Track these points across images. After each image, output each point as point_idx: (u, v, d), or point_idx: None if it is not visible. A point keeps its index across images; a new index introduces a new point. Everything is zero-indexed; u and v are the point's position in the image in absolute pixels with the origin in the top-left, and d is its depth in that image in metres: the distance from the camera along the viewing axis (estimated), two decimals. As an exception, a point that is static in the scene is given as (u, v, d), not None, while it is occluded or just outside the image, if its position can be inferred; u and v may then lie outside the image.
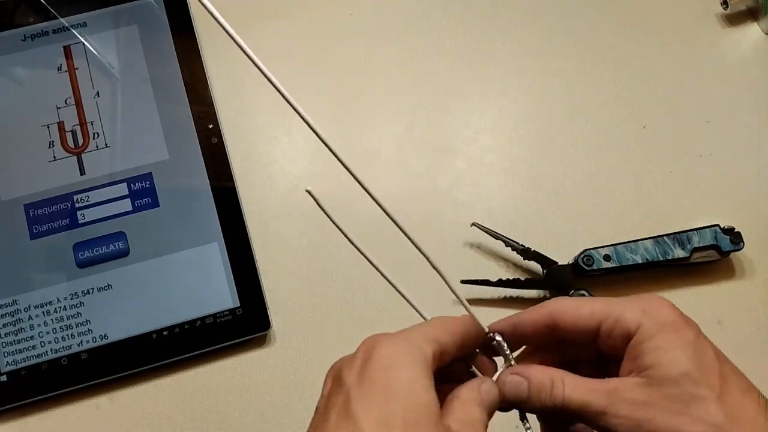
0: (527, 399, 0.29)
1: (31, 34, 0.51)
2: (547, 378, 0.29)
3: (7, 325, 0.44)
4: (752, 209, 0.49)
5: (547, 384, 0.29)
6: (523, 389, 0.29)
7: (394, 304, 0.47)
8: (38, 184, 0.47)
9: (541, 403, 0.29)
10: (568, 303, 0.30)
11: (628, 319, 0.28)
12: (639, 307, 0.29)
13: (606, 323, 0.29)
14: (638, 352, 0.28)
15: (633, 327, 0.28)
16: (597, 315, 0.29)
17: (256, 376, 0.45)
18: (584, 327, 0.30)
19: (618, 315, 0.29)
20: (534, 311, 0.31)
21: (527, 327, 0.31)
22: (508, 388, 0.30)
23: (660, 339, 0.27)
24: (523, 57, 0.54)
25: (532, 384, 0.29)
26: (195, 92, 0.50)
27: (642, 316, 0.28)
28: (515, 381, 0.30)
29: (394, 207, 0.49)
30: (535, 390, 0.29)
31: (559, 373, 0.29)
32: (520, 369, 0.30)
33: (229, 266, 0.46)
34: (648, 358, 0.27)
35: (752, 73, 0.53)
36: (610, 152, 0.51)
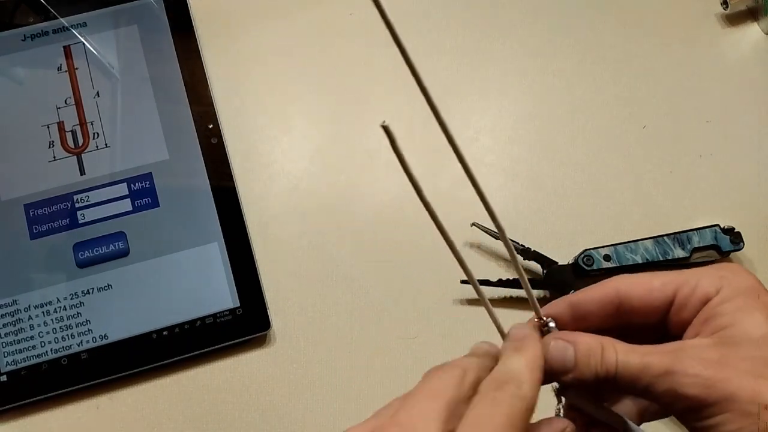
0: (574, 366, 0.26)
1: (31, 34, 0.51)
2: (596, 342, 0.26)
3: (7, 325, 0.44)
4: (752, 209, 0.49)
5: (597, 348, 0.26)
6: (570, 355, 0.26)
7: (394, 303, 0.47)
8: (38, 184, 0.47)
9: (590, 370, 0.26)
10: (634, 278, 0.28)
11: (707, 284, 0.26)
12: (717, 274, 0.27)
13: (682, 292, 0.27)
14: (712, 313, 0.26)
15: (713, 291, 0.26)
16: (671, 285, 0.27)
17: (256, 376, 0.45)
18: (657, 300, 0.27)
19: (695, 282, 0.27)
20: (595, 289, 0.28)
21: (590, 307, 0.28)
22: (552, 354, 0.27)
23: (739, 301, 0.25)
24: (523, 57, 0.54)
25: (579, 349, 0.26)
26: (195, 92, 0.50)
27: (721, 281, 0.26)
28: (560, 346, 0.27)
29: (394, 207, 0.49)
30: (583, 355, 0.26)
31: (608, 339, 0.27)
32: (564, 334, 0.27)
33: (229, 266, 0.46)
34: (724, 319, 0.25)
35: (752, 73, 0.53)
36: (610, 152, 0.51)
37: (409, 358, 0.45)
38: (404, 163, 0.22)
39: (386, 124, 0.20)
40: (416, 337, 0.46)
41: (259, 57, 0.53)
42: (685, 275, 0.27)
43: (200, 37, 0.52)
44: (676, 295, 0.27)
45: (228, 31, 0.54)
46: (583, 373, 0.26)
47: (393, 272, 0.48)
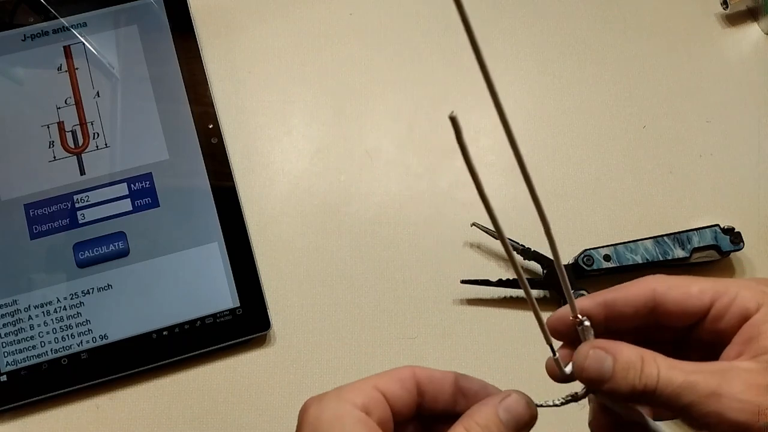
0: (611, 378, 0.25)
1: (31, 34, 0.51)
2: (636, 355, 0.25)
3: (7, 325, 0.44)
4: (752, 209, 0.49)
5: (637, 362, 0.25)
6: (608, 366, 0.25)
7: (394, 303, 0.47)
8: (38, 184, 0.47)
9: (627, 383, 0.25)
10: (671, 280, 0.27)
11: (747, 297, 0.25)
12: (758, 288, 0.26)
13: (720, 302, 0.26)
14: (756, 333, 0.25)
15: (753, 306, 0.25)
16: (709, 293, 0.26)
17: (256, 376, 0.45)
18: (693, 307, 0.26)
19: (735, 293, 0.26)
20: (630, 288, 0.27)
21: (624, 308, 0.27)
22: (589, 363, 0.26)
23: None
24: (523, 57, 0.54)
25: (618, 361, 0.25)
26: (195, 92, 0.50)
27: (763, 297, 0.25)
28: (599, 356, 0.26)
29: (394, 207, 0.49)
30: (621, 368, 0.25)
31: (649, 352, 0.25)
32: (603, 343, 0.26)
33: (229, 266, 0.46)
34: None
35: (752, 73, 0.53)
36: (610, 152, 0.51)
37: (409, 358, 0.45)
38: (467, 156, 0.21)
39: (454, 114, 0.20)
40: (416, 337, 0.46)
41: (259, 57, 0.53)
42: (724, 284, 0.26)
43: (200, 37, 0.52)
44: (714, 304, 0.26)
45: (228, 31, 0.54)
46: (619, 386, 0.25)
47: (393, 272, 0.48)
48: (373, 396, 0.27)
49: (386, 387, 0.28)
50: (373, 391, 0.28)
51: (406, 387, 0.28)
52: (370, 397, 0.27)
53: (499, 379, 0.29)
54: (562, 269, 0.27)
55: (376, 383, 0.28)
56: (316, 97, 0.52)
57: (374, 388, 0.28)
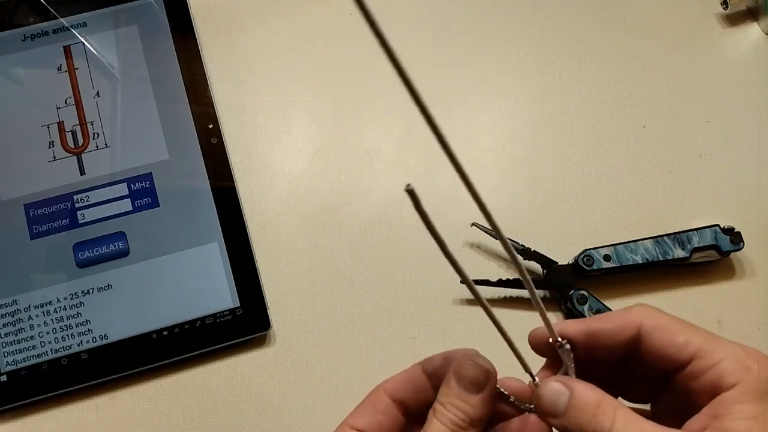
0: (563, 414, 0.25)
1: (31, 34, 0.51)
2: (594, 399, 0.25)
3: (7, 325, 0.44)
4: (752, 209, 0.49)
5: (592, 405, 0.24)
6: (562, 402, 0.25)
7: (394, 303, 0.47)
8: (38, 184, 0.47)
9: (577, 425, 0.25)
10: (660, 319, 0.26)
11: (728, 369, 0.24)
12: (743, 361, 0.24)
13: (700, 362, 0.25)
14: (726, 411, 0.24)
15: (730, 381, 0.24)
16: (692, 348, 0.25)
17: (256, 376, 0.45)
18: (672, 356, 0.26)
19: (718, 359, 0.25)
20: (615, 319, 0.27)
21: (607, 340, 0.27)
22: (544, 394, 0.26)
23: (758, 408, 0.23)
24: (523, 57, 0.54)
25: (573, 398, 0.25)
26: (195, 92, 0.50)
27: (744, 374, 0.24)
28: (555, 390, 0.25)
29: (394, 207, 0.49)
30: (574, 407, 0.25)
31: (611, 400, 0.25)
32: (567, 379, 0.26)
33: (229, 266, 0.46)
34: (738, 425, 0.23)
35: (752, 73, 0.53)
36: (610, 152, 0.51)
37: (409, 358, 0.45)
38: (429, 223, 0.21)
39: (411, 188, 0.20)
40: (416, 337, 0.46)
41: (259, 57, 0.53)
42: (711, 344, 0.25)
43: (200, 37, 0.52)
44: (692, 361, 0.25)
45: (228, 31, 0.54)
46: (570, 424, 0.25)
47: (393, 272, 0.48)
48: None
49: (362, 422, 0.28)
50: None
51: (384, 411, 0.29)
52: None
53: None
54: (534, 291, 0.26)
55: (353, 423, 0.28)
56: (316, 97, 0.52)
57: (349, 428, 0.28)
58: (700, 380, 0.25)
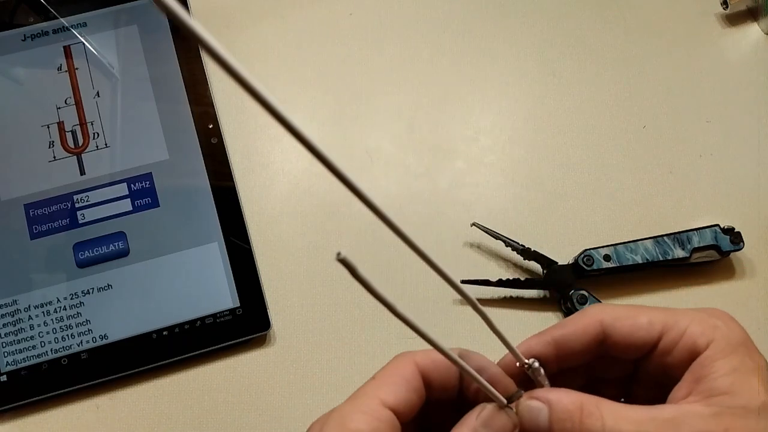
0: (548, 430, 0.24)
1: (31, 34, 0.51)
2: (575, 404, 0.24)
3: (7, 325, 0.44)
4: (752, 209, 0.49)
5: (575, 411, 0.24)
6: (543, 419, 0.24)
7: (394, 303, 0.47)
8: (38, 184, 0.47)
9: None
10: (617, 310, 0.26)
11: (696, 332, 0.24)
12: (708, 322, 0.25)
13: (669, 335, 0.25)
14: (705, 373, 0.24)
15: (703, 342, 0.24)
16: (657, 325, 0.25)
17: (256, 376, 0.45)
18: (641, 339, 0.25)
19: (684, 326, 0.25)
20: (576, 322, 0.26)
21: (574, 345, 0.26)
22: (523, 415, 0.25)
23: (734, 360, 0.23)
24: (523, 57, 0.54)
25: (554, 411, 0.24)
26: (195, 92, 0.50)
27: (713, 332, 0.24)
28: (533, 407, 0.24)
29: (395, 207, 0.49)
30: (558, 419, 0.24)
31: (591, 399, 0.24)
32: (540, 393, 0.25)
33: (229, 266, 0.46)
34: (719, 382, 0.23)
35: (752, 73, 0.53)
36: (610, 152, 0.51)
37: (409, 358, 0.45)
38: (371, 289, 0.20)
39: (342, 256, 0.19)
40: (416, 337, 0.46)
41: (259, 57, 0.53)
42: (674, 316, 0.25)
43: (200, 37, 0.52)
44: (662, 337, 0.25)
45: (228, 31, 0.54)
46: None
47: (393, 272, 0.48)
48: (383, 418, 0.25)
49: (395, 399, 0.25)
50: (381, 411, 0.25)
51: (413, 387, 0.26)
52: (380, 421, 0.25)
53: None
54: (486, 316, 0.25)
55: (382, 397, 0.25)
56: (316, 97, 0.52)
57: (381, 404, 0.25)
58: (675, 352, 0.25)
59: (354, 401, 0.25)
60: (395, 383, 0.26)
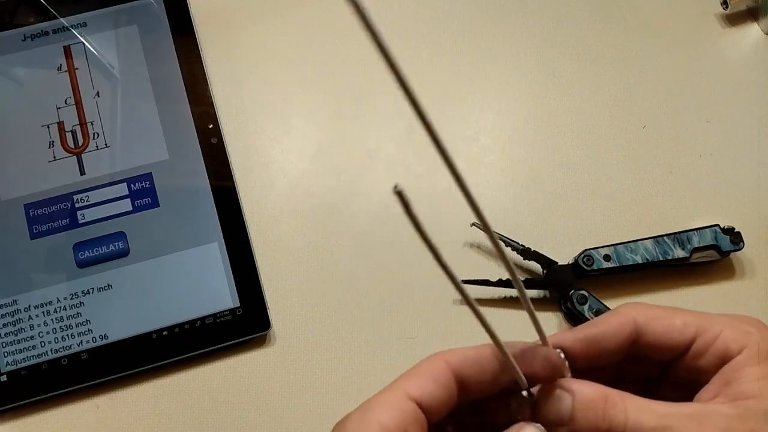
0: (570, 419, 0.24)
1: (31, 34, 0.51)
2: (599, 394, 0.24)
3: (7, 325, 0.44)
4: (752, 209, 0.49)
5: (599, 401, 0.23)
6: (566, 406, 0.24)
7: (394, 304, 0.47)
8: (38, 184, 0.47)
9: (588, 424, 0.23)
10: (652, 310, 0.26)
11: (729, 338, 0.24)
12: (742, 328, 0.25)
13: (703, 338, 0.25)
14: (735, 377, 0.24)
15: (735, 348, 0.24)
16: (691, 327, 0.25)
17: (256, 376, 0.45)
18: (674, 341, 0.25)
19: (718, 331, 0.25)
20: (609, 321, 0.26)
21: (608, 342, 0.26)
22: (545, 404, 0.24)
23: (766, 368, 0.24)
24: (523, 57, 0.54)
25: (577, 400, 0.24)
26: (195, 92, 0.50)
27: (746, 338, 0.24)
28: (556, 395, 0.24)
29: (395, 207, 0.49)
30: (581, 407, 0.24)
31: (615, 391, 0.24)
32: (562, 382, 0.25)
33: (229, 266, 0.46)
34: (748, 386, 0.23)
35: (752, 73, 0.53)
36: (610, 152, 0.51)
37: (409, 358, 0.45)
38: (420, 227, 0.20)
39: (399, 188, 0.18)
40: (416, 337, 0.46)
41: (259, 57, 0.53)
42: (708, 320, 0.25)
43: (200, 37, 0.52)
44: (696, 339, 0.25)
45: (228, 31, 0.54)
46: (581, 428, 0.24)
47: (393, 272, 0.48)
48: (406, 410, 0.24)
49: (420, 392, 0.25)
50: (405, 403, 0.24)
51: (442, 382, 0.25)
52: (402, 411, 0.24)
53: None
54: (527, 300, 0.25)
55: (408, 390, 0.25)
56: (316, 97, 0.52)
57: (406, 397, 0.24)
58: (707, 355, 0.25)
59: (379, 394, 0.25)
60: (422, 377, 0.25)
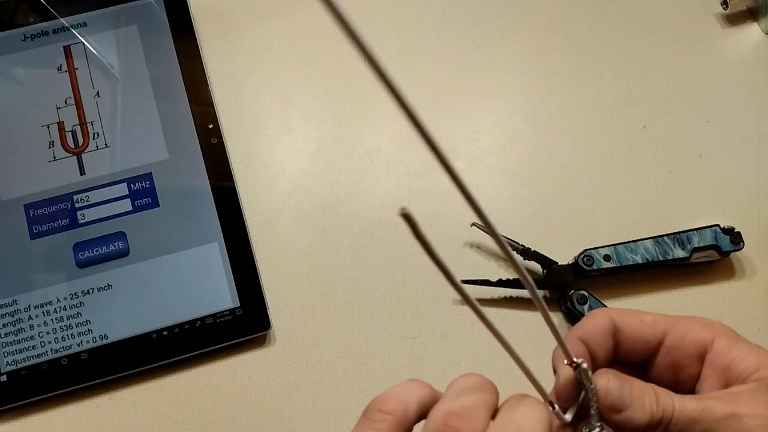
0: (630, 405, 0.26)
1: (31, 34, 0.51)
2: (647, 386, 0.26)
3: (7, 325, 0.44)
4: (752, 209, 0.49)
5: (650, 391, 0.26)
6: (627, 393, 0.26)
7: (394, 303, 0.47)
8: (38, 184, 0.47)
9: (644, 411, 0.25)
10: (621, 310, 0.28)
11: (699, 329, 0.27)
12: (702, 321, 0.27)
13: (674, 332, 0.27)
14: (728, 361, 0.26)
15: (708, 337, 0.27)
16: (662, 324, 0.28)
17: (256, 376, 0.45)
18: (648, 335, 0.28)
19: (685, 328, 0.27)
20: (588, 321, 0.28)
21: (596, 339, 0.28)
22: (610, 388, 0.26)
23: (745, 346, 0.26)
24: (523, 57, 0.54)
25: (635, 388, 0.26)
26: (195, 92, 0.50)
27: (712, 328, 0.27)
28: (618, 382, 0.26)
29: (395, 207, 0.49)
30: (638, 395, 0.26)
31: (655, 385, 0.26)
32: (618, 373, 0.27)
33: (229, 266, 0.46)
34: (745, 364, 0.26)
35: (752, 73, 0.53)
36: (610, 152, 0.51)
37: (409, 358, 0.45)
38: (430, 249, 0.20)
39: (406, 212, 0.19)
40: (416, 337, 0.46)
41: (259, 57, 0.53)
42: (673, 318, 0.28)
43: (200, 37, 0.52)
44: (667, 334, 0.27)
45: (228, 31, 0.54)
46: (637, 414, 0.25)
47: (392, 272, 0.48)
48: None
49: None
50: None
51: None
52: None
53: (499, 380, 0.29)
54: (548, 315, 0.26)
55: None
56: (316, 97, 0.52)
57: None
58: (683, 347, 0.27)
59: None
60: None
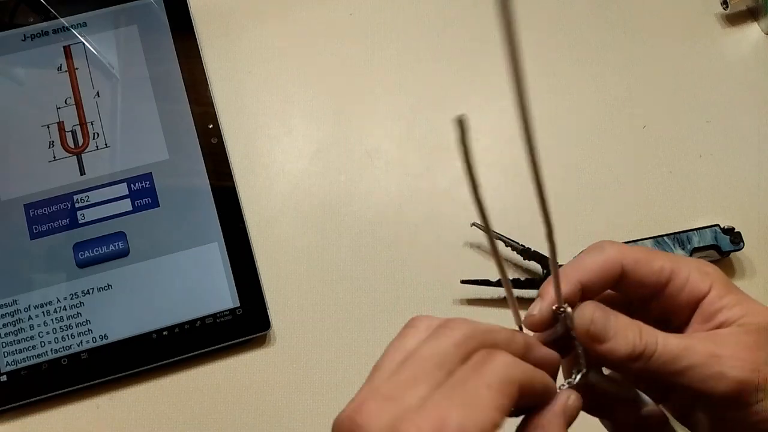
0: (613, 336, 0.25)
1: (31, 34, 0.51)
2: (631, 320, 0.26)
3: (7, 325, 0.44)
4: (752, 209, 0.49)
5: (635, 325, 0.26)
6: (611, 324, 0.26)
7: (394, 303, 0.47)
8: (38, 184, 0.47)
9: (627, 344, 0.25)
10: (635, 253, 0.28)
11: (698, 279, 0.27)
12: (703, 270, 0.27)
13: (675, 281, 0.27)
14: (717, 308, 0.26)
15: (705, 288, 0.27)
16: (668, 270, 0.27)
17: (256, 376, 0.45)
18: (653, 283, 0.27)
19: (687, 275, 0.27)
20: (596, 261, 0.28)
21: (597, 285, 0.27)
22: (594, 318, 0.26)
23: (737, 294, 0.27)
24: (523, 57, 0.53)
25: (619, 321, 0.26)
26: (195, 92, 0.50)
27: (709, 279, 0.27)
28: (602, 313, 0.26)
29: (394, 207, 0.49)
30: (623, 327, 0.25)
31: (640, 322, 0.26)
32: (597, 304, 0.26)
33: (229, 266, 0.46)
34: (734, 311, 0.26)
35: (752, 73, 0.53)
36: (610, 152, 0.51)
37: (409, 358, 0.45)
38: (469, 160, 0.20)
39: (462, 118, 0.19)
40: (416, 337, 0.46)
41: (259, 57, 0.53)
42: (677, 262, 0.28)
43: (200, 37, 0.52)
44: (671, 281, 0.27)
45: (228, 31, 0.54)
46: (619, 345, 0.25)
47: (393, 272, 0.48)
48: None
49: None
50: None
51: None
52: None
53: (499, 379, 0.29)
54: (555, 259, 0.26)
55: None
56: (316, 97, 0.52)
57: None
58: (681, 296, 0.27)
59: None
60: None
